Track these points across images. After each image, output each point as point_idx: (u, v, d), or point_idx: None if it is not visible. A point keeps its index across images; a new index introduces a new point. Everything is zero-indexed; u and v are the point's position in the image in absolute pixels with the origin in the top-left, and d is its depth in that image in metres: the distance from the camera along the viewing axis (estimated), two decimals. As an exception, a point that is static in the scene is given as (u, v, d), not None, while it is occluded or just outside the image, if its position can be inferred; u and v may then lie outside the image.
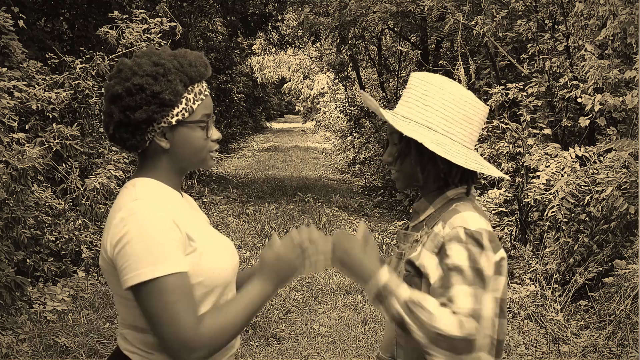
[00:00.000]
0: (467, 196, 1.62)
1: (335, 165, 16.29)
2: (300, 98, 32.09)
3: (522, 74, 7.13)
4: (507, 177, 2.27)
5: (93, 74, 6.26)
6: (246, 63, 22.11)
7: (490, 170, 1.62)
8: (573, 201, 5.30)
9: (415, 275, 1.57)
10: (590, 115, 5.40)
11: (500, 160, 6.36)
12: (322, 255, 1.56)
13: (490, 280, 1.48)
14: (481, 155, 6.20)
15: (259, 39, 18.66)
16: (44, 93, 5.67)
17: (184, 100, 1.50)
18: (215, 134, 1.58)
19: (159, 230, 1.42)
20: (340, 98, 18.25)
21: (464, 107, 1.59)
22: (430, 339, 1.42)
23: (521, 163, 6.11)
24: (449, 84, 1.60)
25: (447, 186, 1.62)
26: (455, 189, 1.62)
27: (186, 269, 1.43)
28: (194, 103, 1.52)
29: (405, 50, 13.35)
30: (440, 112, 1.58)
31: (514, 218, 6.43)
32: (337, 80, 18.30)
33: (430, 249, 1.54)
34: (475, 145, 1.74)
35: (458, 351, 1.41)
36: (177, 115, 1.50)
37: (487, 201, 6.27)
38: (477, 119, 1.62)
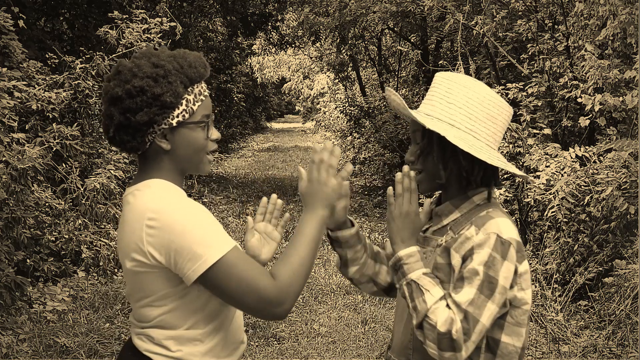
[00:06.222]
0: (489, 201, 1.60)
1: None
2: (300, 98, 32.07)
3: (522, 74, 7.12)
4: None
5: (93, 74, 6.25)
6: (246, 63, 22.08)
7: (513, 169, 1.60)
8: (573, 201, 5.29)
9: (436, 277, 1.56)
10: (590, 115, 5.40)
11: (500, 160, 6.35)
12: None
13: (501, 291, 1.47)
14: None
15: (259, 39, 18.65)
16: (44, 93, 5.67)
17: (184, 102, 1.51)
18: (214, 133, 1.59)
19: (199, 217, 1.46)
20: (340, 98, 18.21)
21: (488, 106, 1.57)
22: (420, 325, 1.47)
23: (521, 163, 6.11)
24: (473, 83, 1.58)
25: (468, 186, 1.59)
26: (481, 194, 1.60)
27: (235, 242, 1.49)
28: (194, 104, 1.52)
29: (405, 50, 13.34)
30: (463, 110, 1.55)
31: (514, 218, 6.43)
32: (337, 80, 18.27)
33: (459, 253, 1.53)
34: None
35: (441, 346, 1.44)
36: (177, 116, 1.50)
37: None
38: (502, 119, 1.59)
